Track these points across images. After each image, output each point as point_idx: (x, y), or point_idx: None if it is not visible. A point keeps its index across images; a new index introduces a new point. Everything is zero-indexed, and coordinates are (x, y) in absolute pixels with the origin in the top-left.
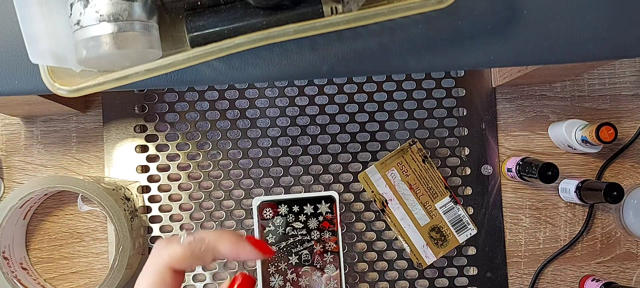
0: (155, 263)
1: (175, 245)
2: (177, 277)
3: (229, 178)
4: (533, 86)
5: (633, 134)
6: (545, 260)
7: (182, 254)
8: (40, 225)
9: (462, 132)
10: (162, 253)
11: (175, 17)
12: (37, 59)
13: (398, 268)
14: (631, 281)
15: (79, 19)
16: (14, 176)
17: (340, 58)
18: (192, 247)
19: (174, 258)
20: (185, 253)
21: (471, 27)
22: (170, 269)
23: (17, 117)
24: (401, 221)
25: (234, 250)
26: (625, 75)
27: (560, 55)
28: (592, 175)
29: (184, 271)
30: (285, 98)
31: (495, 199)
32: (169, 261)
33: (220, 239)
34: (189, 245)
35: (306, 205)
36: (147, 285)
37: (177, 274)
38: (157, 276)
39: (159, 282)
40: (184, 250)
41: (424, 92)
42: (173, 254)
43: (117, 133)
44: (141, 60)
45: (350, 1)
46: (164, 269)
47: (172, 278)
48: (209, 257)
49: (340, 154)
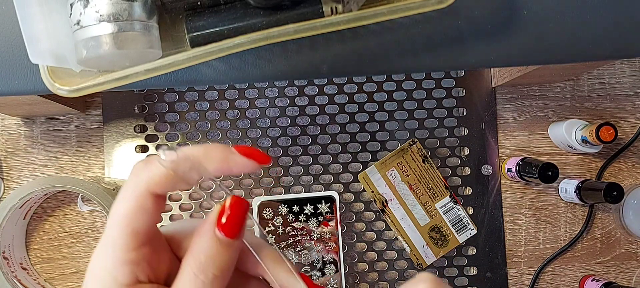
0: (133, 187)
1: (155, 166)
2: (158, 202)
3: (229, 178)
4: (533, 86)
5: (633, 134)
6: (545, 260)
7: (163, 176)
8: (40, 225)
9: (462, 132)
10: (140, 175)
11: (175, 17)
12: (37, 59)
13: (398, 268)
14: (631, 281)
15: (79, 19)
16: (14, 176)
17: (340, 58)
18: (175, 166)
19: (154, 181)
20: (167, 174)
21: (471, 27)
22: (150, 193)
23: (17, 117)
24: (401, 221)
25: (224, 165)
26: (625, 75)
27: (560, 55)
28: (592, 175)
29: (166, 195)
30: (285, 98)
31: (495, 199)
32: (148, 184)
33: (206, 154)
34: (171, 164)
35: (306, 205)
36: (123, 212)
37: (158, 199)
38: (135, 201)
39: (137, 208)
40: (165, 171)
41: (424, 92)
42: (153, 176)
43: (117, 133)
44: (141, 60)
45: (350, 1)
46: (143, 193)
47: (152, 203)
48: (194, 178)
49: (340, 154)
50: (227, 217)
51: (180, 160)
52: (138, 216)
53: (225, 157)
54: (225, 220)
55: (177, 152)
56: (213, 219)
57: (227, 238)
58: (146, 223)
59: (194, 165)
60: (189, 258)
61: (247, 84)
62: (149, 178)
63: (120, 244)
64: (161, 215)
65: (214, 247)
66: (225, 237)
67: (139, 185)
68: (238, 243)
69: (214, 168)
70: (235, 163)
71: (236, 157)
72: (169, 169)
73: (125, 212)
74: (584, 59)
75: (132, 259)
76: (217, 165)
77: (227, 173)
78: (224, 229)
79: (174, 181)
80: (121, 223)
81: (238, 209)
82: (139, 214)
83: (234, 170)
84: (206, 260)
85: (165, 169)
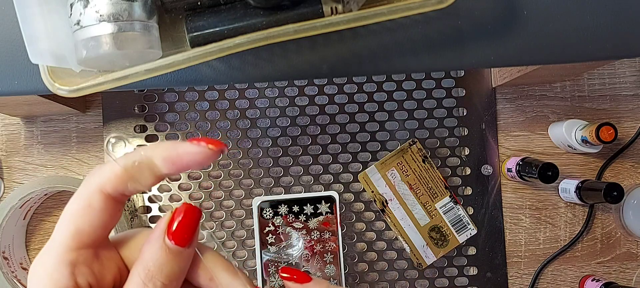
0: (84, 187)
1: (106, 166)
2: (110, 204)
3: (229, 178)
4: (533, 86)
5: (633, 134)
6: (545, 260)
7: (113, 174)
8: (40, 225)
9: (462, 132)
10: (92, 176)
11: (175, 17)
12: (37, 59)
13: (398, 268)
14: (631, 281)
15: (79, 19)
16: (14, 176)
17: (340, 58)
18: (124, 163)
19: (103, 179)
20: (116, 172)
21: (471, 27)
22: (101, 193)
23: (17, 117)
24: (401, 221)
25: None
26: (625, 75)
27: (560, 55)
28: (592, 175)
29: (121, 198)
30: (285, 98)
31: (495, 199)
32: (98, 183)
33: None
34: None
35: (306, 205)
36: (69, 210)
37: (109, 200)
38: (83, 200)
39: (84, 207)
40: (115, 168)
41: (424, 92)
42: (103, 175)
43: (117, 133)
44: (141, 60)
45: (350, 1)
46: (92, 192)
47: (101, 203)
48: (146, 175)
49: (340, 154)
50: (178, 224)
51: (129, 156)
52: (83, 214)
53: (173, 146)
54: (175, 227)
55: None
56: (163, 227)
57: (177, 247)
58: (91, 224)
59: (143, 161)
60: (138, 265)
61: (247, 84)
62: (99, 177)
63: (61, 242)
64: (113, 220)
65: (164, 255)
66: (175, 245)
67: (90, 184)
68: (189, 252)
69: (162, 158)
70: (185, 150)
71: (186, 145)
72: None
73: (72, 211)
74: (584, 59)
75: (71, 260)
76: (165, 154)
77: (179, 166)
78: (174, 237)
79: (125, 179)
80: (65, 221)
81: (189, 217)
82: (85, 212)
83: (185, 159)
84: (155, 268)
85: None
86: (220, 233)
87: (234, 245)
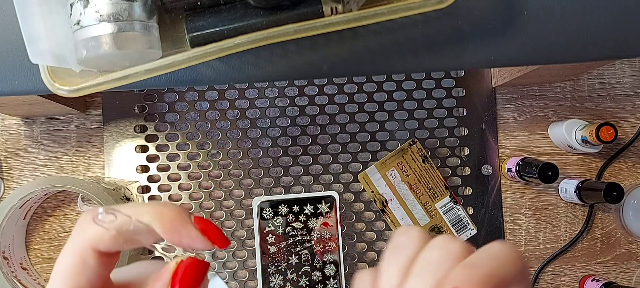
0: (76, 242)
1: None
2: (105, 260)
3: (229, 178)
4: (533, 86)
5: (633, 134)
6: (545, 260)
7: (107, 235)
8: (40, 225)
9: (462, 132)
10: (84, 230)
11: (175, 17)
12: (37, 59)
13: None
14: (631, 281)
15: (79, 19)
16: (14, 176)
17: (340, 58)
18: (117, 226)
19: (97, 239)
20: (110, 234)
21: (471, 27)
22: (93, 250)
23: (17, 117)
24: (401, 221)
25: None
26: (625, 75)
27: (560, 55)
28: (592, 175)
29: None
30: (285, 98)
31: (495, 199)
32: (90, 240)
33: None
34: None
35: (306, 205)
36: (65, 268)
37: (104, 256)
38: (77, 257)
39: (78, 264)
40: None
41: (424, 92)
42: (96, 234)
43: (117, 133)
44: (141, 60)
45: (350, 1)
46: (85, 250)
47: (96, 260)
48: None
49: (340, 154)
50: (181, 278)
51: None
52: (80, 272)
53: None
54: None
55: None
56: (167, 279)
57: None
58: (89, 279)
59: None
60: None
61: (247, 84)
62: (93, 234)
63: None
64: (111, 267)
65: None
66: None
67: (81, 241)
68: None
69: (163, 233)
70: (188, 235)
71: (190, 228)
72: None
73: (66, 268)
74: (584, 59)
75: None
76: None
77: (177, 244)
78: None
79: (120, 241)
80: (61, 280)
81: (194, 271)
82: (81, 271)
83: (184, 242)
84: None
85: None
86: None
87: (234, 245)
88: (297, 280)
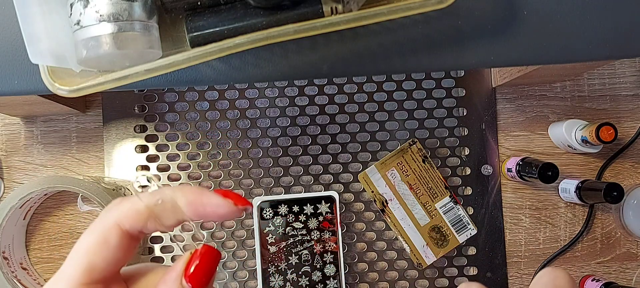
0: (101, 220)
1: (127, 201)
2: (126, 240)
3: (229, 178)
4: (533, 86)
5: (633, 134)
6: (545, 260)
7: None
8: (40, 225)
9: (462, 132)
10: (111, 209)
11: (175, 17)
12: (37, 59)
13: (398, 268)
14: (631, 281)
15: (79, 19)
16: (14, 176)
17: (340, 58)
18: (147, 201)
19: (123, 215)
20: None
21: (471, 27)
22: (118, 227)
23: (17, 117)
24: (401, 221)
25: (197, 200)
26: (625, 75)
27: (560, 55)
28: (592, 175)
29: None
30: (285, 98)
31: (495, 199)
32: (117, 217)
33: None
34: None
35: (306, 205)
36: (84, 244)
37: (126, 237)
38: (99, 235)
39: (99, 241)
40: (137, 205)
41: (424, 92)
42: (123, 210)
43: (117, 133)
44: (141, 60)
45: (350, 1)
46: (109, 227)
47: (118, 239)
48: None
49: (340, 154)
50: (196, 266)
51: (152, 194)
52: (98, 249)
53: (199, 192)
54: (193, 269)
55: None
56: (181, 268)
57: None
58: (105, 259)
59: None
60: None
61: (247, 84)
62: (120, 212)
63: (72, 276)
64: (128, 257)
65: None
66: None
67: (108, 218)
68: None
69: (187, 201)
70: (209, 201)
71: (211, 195)
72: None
73: (86, 244)
74: (584, 59)
75: None
76: (190, 198)
77: (202, 213)
78: (192, 280)
79: (145, 217)
80: (78, 255)
81: (208, 259)
82: (100, 248)
83: (208, 209)
84: None
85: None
86: (220, 233)
87: (234, 245)
88: (297, 280)
